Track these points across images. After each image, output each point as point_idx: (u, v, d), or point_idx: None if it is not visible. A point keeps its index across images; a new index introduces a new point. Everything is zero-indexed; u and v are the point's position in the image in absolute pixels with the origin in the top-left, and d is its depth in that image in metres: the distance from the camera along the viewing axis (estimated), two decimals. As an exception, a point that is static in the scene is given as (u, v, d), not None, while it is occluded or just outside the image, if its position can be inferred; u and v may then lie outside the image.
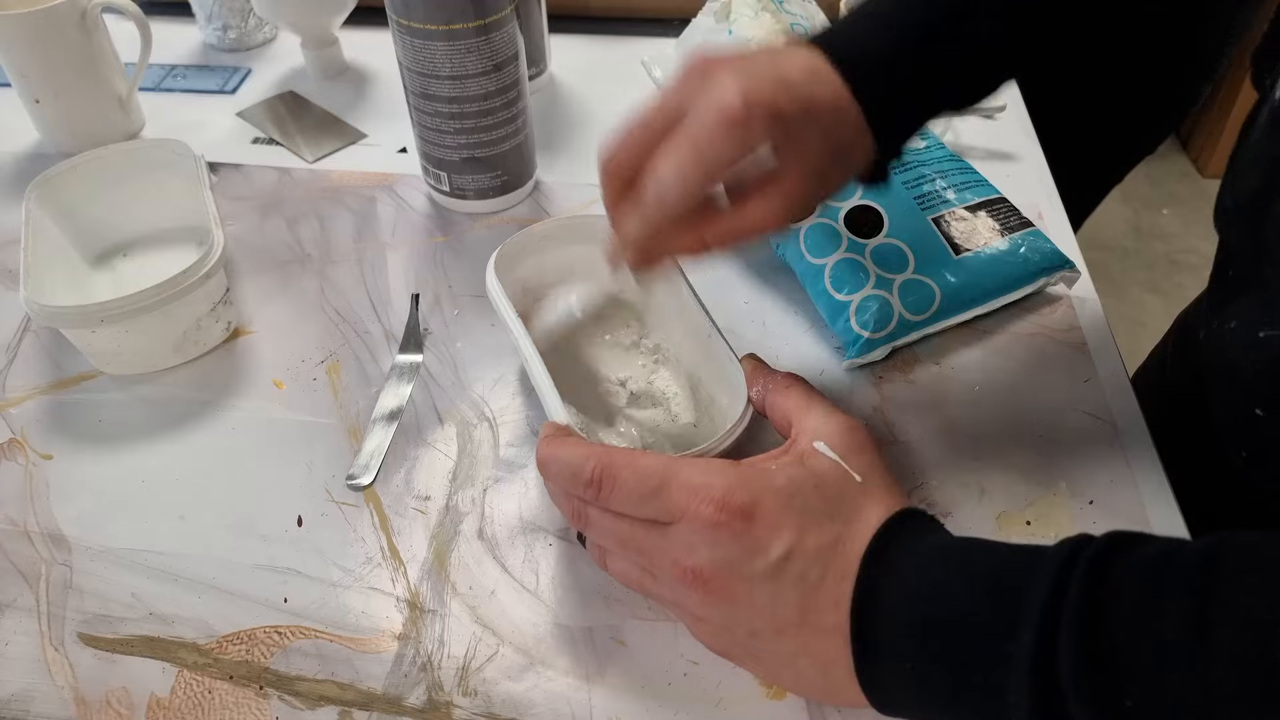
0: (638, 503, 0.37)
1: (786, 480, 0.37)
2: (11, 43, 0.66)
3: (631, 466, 0.37)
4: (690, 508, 0.36)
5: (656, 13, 0.84)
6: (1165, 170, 2.27)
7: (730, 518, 0.36)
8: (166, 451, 0.51)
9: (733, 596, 0.36)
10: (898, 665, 0.34)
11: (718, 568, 0.36)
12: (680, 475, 0.37)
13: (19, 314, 0.59)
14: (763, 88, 0.36)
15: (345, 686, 0.41)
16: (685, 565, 0.36)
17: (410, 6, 0.56)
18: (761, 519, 0.36)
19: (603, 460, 0.38)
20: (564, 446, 0.39)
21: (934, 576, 0.34)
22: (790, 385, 0.43)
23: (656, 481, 0.37)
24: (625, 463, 0.37)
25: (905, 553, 0.36)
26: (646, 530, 0.38)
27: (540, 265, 0.53)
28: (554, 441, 0.40)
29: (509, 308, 0.48)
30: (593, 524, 0.40)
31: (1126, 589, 0.30)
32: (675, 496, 0.36)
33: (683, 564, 0.36)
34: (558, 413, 0.43)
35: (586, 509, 0.39)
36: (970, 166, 0.60)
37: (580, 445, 0.39)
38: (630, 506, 0.37)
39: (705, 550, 0.36)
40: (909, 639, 0.34)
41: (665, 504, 0.37)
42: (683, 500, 0.36)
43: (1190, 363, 0.55)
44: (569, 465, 0.39)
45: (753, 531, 0.36)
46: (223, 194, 0.68)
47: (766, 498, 0.36)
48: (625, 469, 0.37)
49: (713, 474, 0.37)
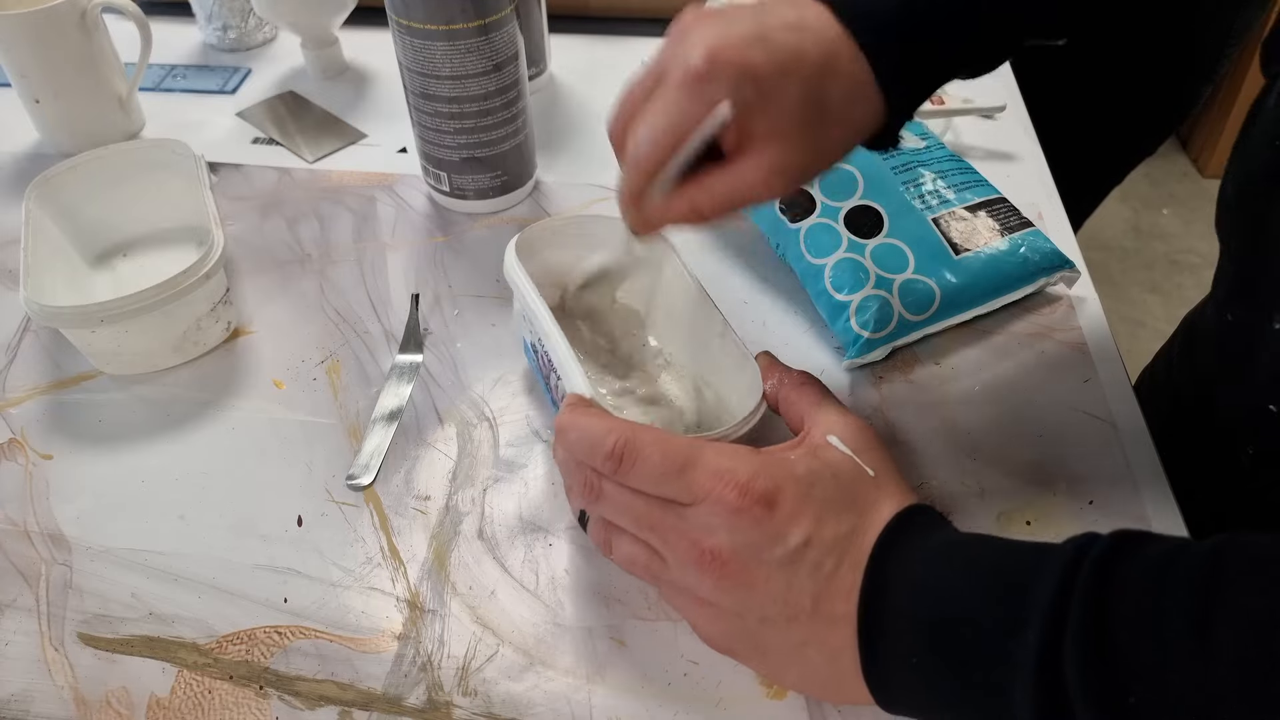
0: (659, 480, 0.37)
1: (806, 470, 0.37)
2: (11, 43, 0.66)
3: (657, 444, 0.37)
4: (714, 490, 0.36)
5: (656, 13, 0.84)
6: (1165, 170, 2.27)
7: (753, 503, 0.35)
8: (166, 451, 0.51)
9: (749, 581, 0.36)
10: (902, 661, 0.34)
11: (737, 551, 0.36)
12: (705, 457, 0.37)
13: (19, 314, 0.59)
14: (731, 43, 0.36)
15: (345, 686, 0.41)
16: (705, 546, 0.36)
17: (410, 6, 0.56)
18: (783, 507, 0.36)
19: (627, 434, 0.37)
20: (587, 415, 0.39)
21: (941, 573, 0.34)
22: (805, 382, 0.43)
23: (682, 460, 0.36)
24: (651, 439, 0.37)
25: (914, 547, 0.36)
26: (663, 509, 0.37)
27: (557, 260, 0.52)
28: (577, 410, 0.40)
29: (529, 285, 0.46)
30: (606, 498, 0.39)
31: (1131, 589, 0.30)
32: (699, 478, 0.36)
33: (702, 545, 0.36)
34: (581, 385, 0.42)
35: (601, 482, 0.38)
36: (970, 166, 0.60)
37: (604, 417, 0.39)
38: (650, 484, 0.37)
39: (725, 534, 0.36)
40: (914, 635, 0.34)
41: (688, 485, 0.36)
42: (707, 483, 0.36)
43: (1196, 362, 0.55)
44: (590, 435, 0.38)
45: (773, 519, 0.36)
46: (223, 194, 0.68)
47: (788, 486, 0.36)
48: (651, 445, 0.37)
49: (738, 459, 0.37)
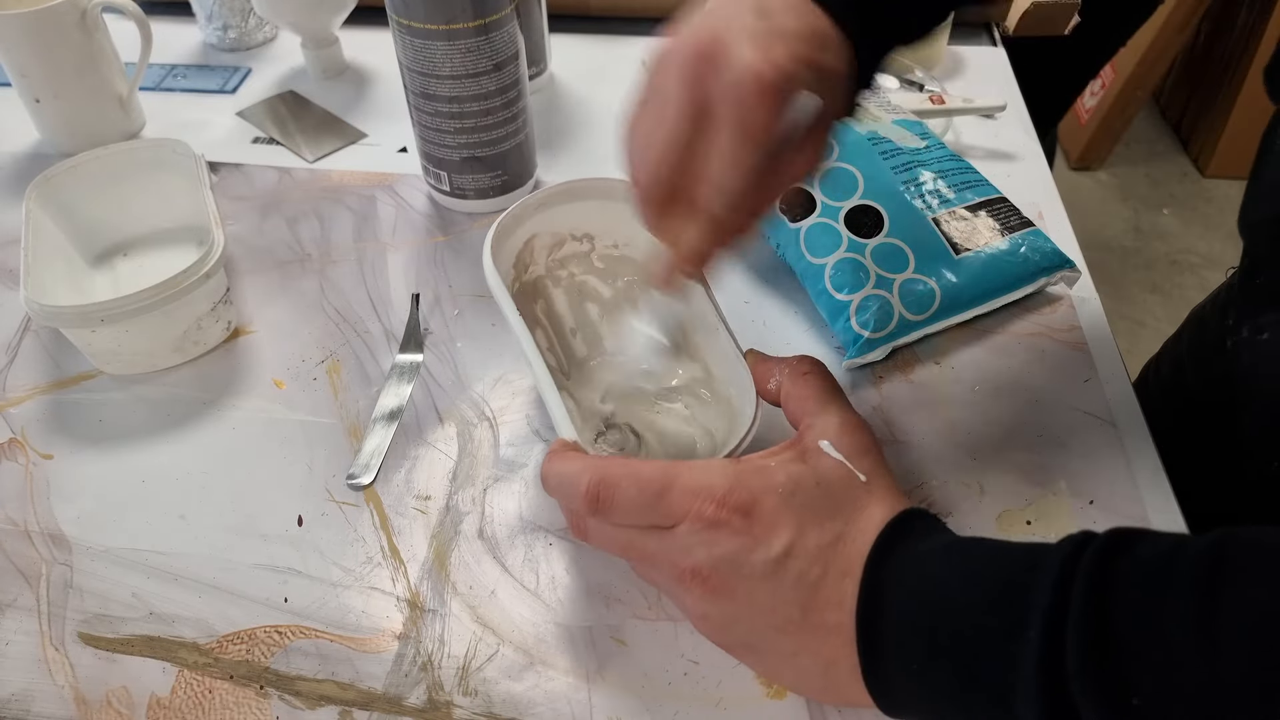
0: (638, 511, 0.37)
1: (787, 477, 0.37)
2: (11, 42, 0.66)
3: (630, 476, 0.37)
4: (692, 508, 0.36)
5: (656, 13, 0.84)
6: (1165, 170, 2.27)
7: (730, 514, 0.36)
8: (166, 451, 0.51)
9: (733, 594, 0.36)
10: (903, 667, 0.34)
11: (716, 565, 0.36)
12: (680, 479, 0.37)
13: (19, 314, 0.59)
14: (776, 47, 0.36)
15: (345, 686, 0.41)
16: (684, 567, 0.36)
17: (410, 6, 0.56)
18: (761, 516, 0.36)
19: (599, 473, 0.37)
20: (563, 460, 0.39)
21: (938, 577, 0.34)
22: (808, 372, 0.42)
23: (657, 487, 0.37)
24: (623, 473, 0.37)
25: (909, 553, 0.36)
26: (644, 536, 0.38)
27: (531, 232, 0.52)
28: (554, 457, 0.40)
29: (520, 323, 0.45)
30: (593, 535, 0.39)
31: (1131, 587, 0.30)
32: (676, 500, 0.36)
33: (681, 565, 0.36)
34: (564, 426, 0.41)
35: (585, 521, 0.39)
36: (970, 166, 0.60)
37: (577, 459, 0.39)
38: (631, 516, 0.37)
39: (703, 550, 0.36)
40: (914, 641, 0.34)
41: (667, 509, 0.36)
42: (683, 503, 0.36)
43: (1213, 369, 0.55)
44: (566, 480, 0.38)
45: (751, 529, 0.36)
46: (223, 194, 0.68)
47: (766, 496, 0.36)
48: (623, 479, 0.37)
49: (713, 474, 0.37)
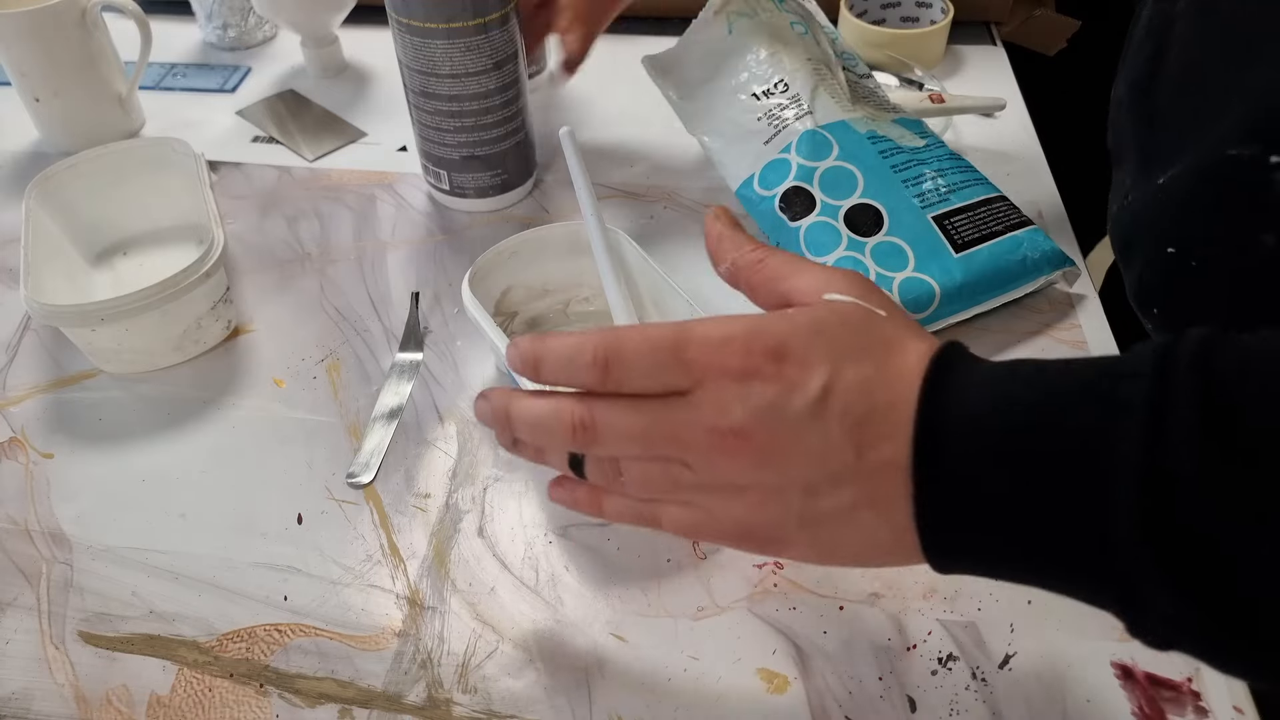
0: (654, 371, 0.33)
1: (809, 319, 0.34)
2: (11, 41, 0.66)
3: (640, 334, 0.33)
4: (715, 362, 0.32)
5: (656, 12, 0.84)
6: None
7: (761, 361, 0.32)
8: (166, 450, 0.51)
9: (781, 448, 0.32)
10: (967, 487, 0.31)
11: (759, 420, 0.32)
12: (695, 331, 0.33)
13: (19, 313, 0.59)
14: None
15: (345, 684, 0.41)
16: (723, 429, 0.32)
17: (410, 5, 0.56)
18: (792, 357, 0.32)
19: (604, 338, 0.33)
20: (553, 338, 0.35)
21: (1005, 386, 0.31)
22: (766, 256, 0.37)
23: (671, 341, 0.33)
24: (630, 334, 0.33)
25: (962, 375, 0.32)
26: (668, 408, 0.33)
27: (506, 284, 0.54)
28: (534, 340, 0.35)
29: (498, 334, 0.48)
30: (601, 426, 0.34)
31: (1251, 363, 0.27)
32: (696, 354, 0.33)
33: (720, 428, 0.32)
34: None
35: (591, 410, 0.34)
36: (970, 165, 0.60)
37: (572, 334, 0.35)
38: (645, 378, 0.33)
39: (739, 406, 0.32)
40: (980, 450, 0.30)
41: (687, 365, 0.33)
42: (705, 357, 0.32)
43: None
44: (565, 353, 0.34)
45: (785, 372, 0.32)
46: (223, 192, 0.68)
47: (793, 338, 0.33)
48: (634, 338, 0.33)
49: (732, 324, 0.33)
